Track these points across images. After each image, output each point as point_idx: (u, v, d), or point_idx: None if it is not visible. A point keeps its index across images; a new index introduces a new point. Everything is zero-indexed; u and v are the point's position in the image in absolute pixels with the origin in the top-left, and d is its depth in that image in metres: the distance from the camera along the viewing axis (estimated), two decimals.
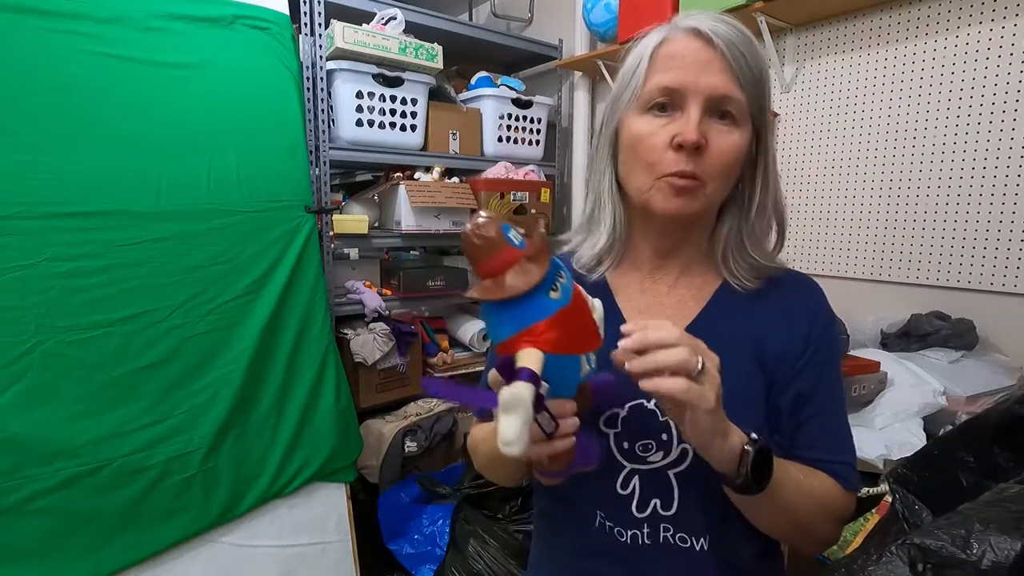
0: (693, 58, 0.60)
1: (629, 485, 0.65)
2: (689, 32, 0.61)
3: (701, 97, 0.60)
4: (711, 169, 0.61)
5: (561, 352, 0.49)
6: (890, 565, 0.45)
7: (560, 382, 0.51)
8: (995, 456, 0.65)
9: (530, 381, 0.45)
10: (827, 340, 0.66)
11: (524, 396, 0.43)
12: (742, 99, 0.61)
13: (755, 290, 0.68)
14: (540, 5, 2.56)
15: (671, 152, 0.61)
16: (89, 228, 1.24)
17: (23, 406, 1.16)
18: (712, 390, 0.51)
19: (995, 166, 1.35)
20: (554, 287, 0.49)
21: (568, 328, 0.50)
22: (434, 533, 1.71)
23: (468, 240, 0.48)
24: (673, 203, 0.62)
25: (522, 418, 0.43)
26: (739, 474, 0.54)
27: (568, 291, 0.51)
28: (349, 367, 1.79)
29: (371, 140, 1.85)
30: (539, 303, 0.49)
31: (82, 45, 1.24)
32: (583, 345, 0.52)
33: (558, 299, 0.50)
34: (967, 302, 1.41)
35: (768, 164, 0.66)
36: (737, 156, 0.62)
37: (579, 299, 0.52)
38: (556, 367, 0.49)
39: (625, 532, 0.65)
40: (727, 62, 0.60)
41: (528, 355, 0.47)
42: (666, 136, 0.61)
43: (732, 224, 0.68)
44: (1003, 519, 0.45)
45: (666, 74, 0.61)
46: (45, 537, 1.17)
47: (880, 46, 1.54)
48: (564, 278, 0.51)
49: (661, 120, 0.62)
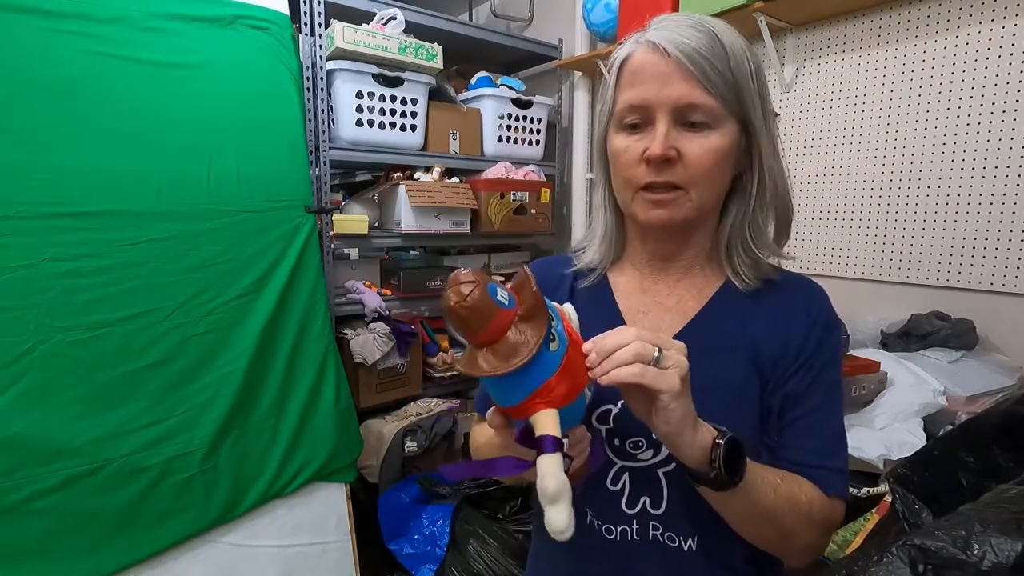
0: (653, 71, 0.61)
1: (619, 482, 0.65)
2: (648, 46, 0.62)
3: (666, 109, 0.61)
4: (690, 176, 0.62)
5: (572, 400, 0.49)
6: (891, 566, 0.45)
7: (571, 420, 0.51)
8: (995, 457, 0.65)
9: (558, 450, 0.44)
10: (825, 344, 0.66)
11: (566, 481, 0.43)
12: (711, 103, 0.61)
13: (755, 290, 0.68)
14: (540, 5, 2.56)
15: (643, 165, 0.62)
16: (89, 228, 1.24)
17: (23, 406, 1.16)
18: (676, 372, 0.51)
19: (995, 166, 1.35)
20: (551, 337, 0.48)
21: (573, 374, 0.49)
22: (434, 533, 1.71)
23: (455, 314, 0.45)
24: (654, 214, 0.64)
25: (568, 501, 0.43)
26: (711, 467, 0.54)
27: (562, 334, 0.50)
28: (349, 367, 1.79)
29: (371, 140, 1.85)
30: (543, 361, 0.47)
31: (82, 45, 1.24)
32: (585, 380, 0.51)
33: (557, 349, 0.48)
34: (967, 302, 1.41)
35: (762, 156, 0.66)
36: (716, 159, 0.62)
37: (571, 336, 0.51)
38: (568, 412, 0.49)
39: (614, 528, 0.65)
40: (686, 70, 0.60)
41: (546, 418, 0.46)
42: (638, 151, 0.63)
43: (735, 217, 0.68)
44: (1004, 520, 0.45)
45: (632, 91, 0.63)
46: (45, 537, 1.17)
47: (880, 46, 1.54)
48: (554, 320, 0.49)
49: (635, 136, 0.64)
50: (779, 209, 0.69)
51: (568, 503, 0.43)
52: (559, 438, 0.45)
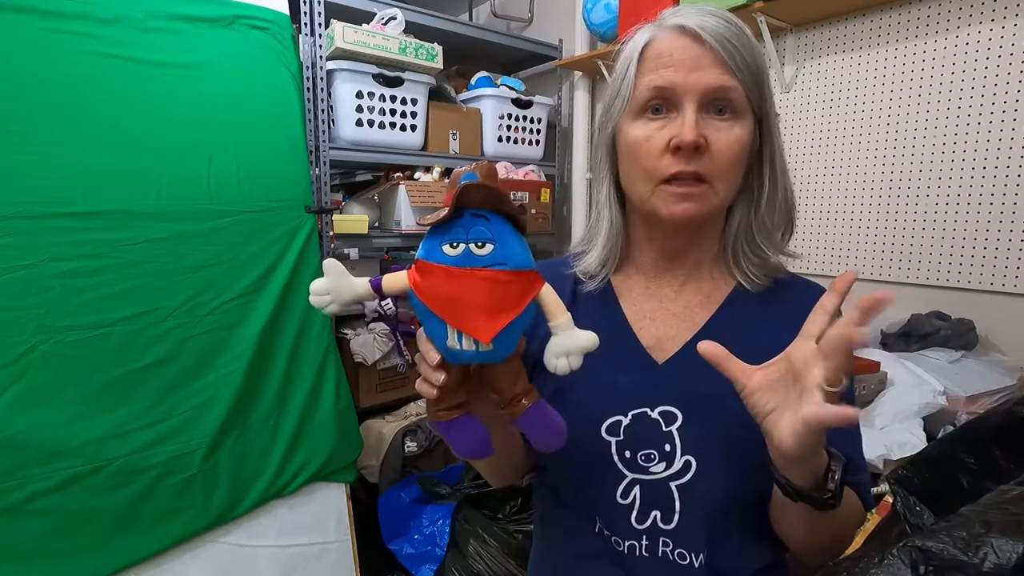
0: (682, 55, 0.59)
1: (629, 495, 0.63)
2: (675, 30, 0.60)
3: (695, 94, 0.58)
4: (716, 168, 0.59)
5: (425, 302, 0.48)
6: (892, 567, 0.45)
7: (430, 333, 0.51)
8: (996, 458, 0.65)
9: (374, 287, 0.51)
10: None
11: (336, 265, 0.50)
12: (740, 90, 0.59)
13: (765, 292, 0.66)
14: (540, 5, 2.56)
15: (669, 155, 0.59)
16: (89, 228, 1.24)
17: (23, 406, 1.15)
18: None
19: (995, 166, 1.35)
20: (453, 244, 0.47)
21: (441, 287, 0.47)
22: (434, 533, 1.72)
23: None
24: (679, 208, 0.60)
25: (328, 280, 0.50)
26: (826, 490, 0.50)
27: (473, 262, 0.47)
28: (349, 367, 1.79)
29: (371, 140, 1.85)
30: (431, 246, 0.48)
31: (82, 45, 1.24)
32: (452, 317, 0.48)
33: (450, 256, 0.47)
34: (967, 302, 1.41)
35: (775, 153, 0.64)
36: (741, 150, 0.60)
37: (487, 282, 0.47)
38: (421, 313, 0.49)
39: (623, 542, 0.63)
40: (718, 55, 0.58)
41: (395, 278, 0.50)
42: (663, 139, 0.59)
43: (742, 217, 0.66)
44: (1005, 521, 0.45)
45: (656, 75, 0.60)
46: (45, 537, 1.17)
47: (880, 46, 1.54)
48: (485, 249, 0.47)
49: (657, 123, 0.60)
50: (786, 208, 0.67)
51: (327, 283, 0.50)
52: (380, 280, 0.51)
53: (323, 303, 0.50)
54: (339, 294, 0.50)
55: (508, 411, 0.53)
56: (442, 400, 0.53)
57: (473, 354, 0.49)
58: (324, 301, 0.50)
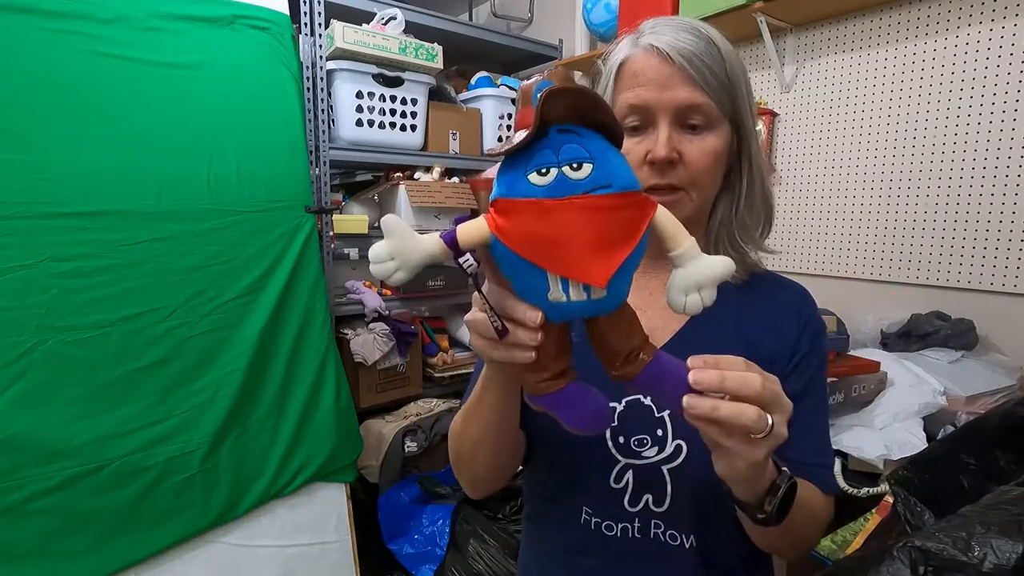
0: (655, 74, 0.62)
1: (623, 479, 0.65)
2: (648, 50, 0.63)
3: (668, 111, 0.62)
4: (691, 177, 0.63)
5: (515, 250, 0.39)
6: (892, 567, 0.45)
7: (524, 289, 0.41)
8: (996, 458, 0.65)
9: (448, 242, 0.39)
10: (817, 348, 0.68)
11: (397, 223, 0.39)
12: (710, 106, 0.62)
13: (745, 285, 0.69)
14: (540, 5, 2.56)
15: (646, 168, 0.63)
16: (89, 228, 1.24)
17: (23, 406, 1.15)
18: (769, 445, 0.46)
19: (995, 166, 1.35)
20: (542, 170, 0.39)
21: (534, 226, 0.39)
22: (434, 533, 1.72)
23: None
24: None
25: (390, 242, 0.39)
26: (764, 510, 0.52)
27: (570, 189, 0.39)
28: (349, 367, 1.79)
29: (371, 140, 1.85)
30: (512, 179, 0.40)
31: (83, 45, 1.24)
32: (553, 262, 0.39)
33: (540, 186, 0.39)
34: (967, 302, 1.41)
35: (752, 155, 0.68)
36: (714, 160, 0.64)
37: (592, 212, 0.39)
38: (511, 265, 0.40)
39: (615, 525, 0.65)
40: (687, 73, 0.61)
41: (472, 226, 0.40)
42: (640, 153, 0.63)
43: (724, 213, 0.70)
44: (1005, 522, 0.45)
45: (631, 92, 0.63)
46: (45, 537, 1.17)
47: (880, 46, 1.54)
48: (582, 171, 0.39)
49: (635, 138, 0.64)
50: (765, 205, 0.71)
51: (390, 245, 0.39)
52: (454, 236, 0.39)
53: (387, 271, 0.39)
54: (406, 258, 0.39)
55: (624, 371, 0.44)
56: (544, 367, 0.44)
57: (584, 304, 0.40)
58: (389, 268, 0.39)
